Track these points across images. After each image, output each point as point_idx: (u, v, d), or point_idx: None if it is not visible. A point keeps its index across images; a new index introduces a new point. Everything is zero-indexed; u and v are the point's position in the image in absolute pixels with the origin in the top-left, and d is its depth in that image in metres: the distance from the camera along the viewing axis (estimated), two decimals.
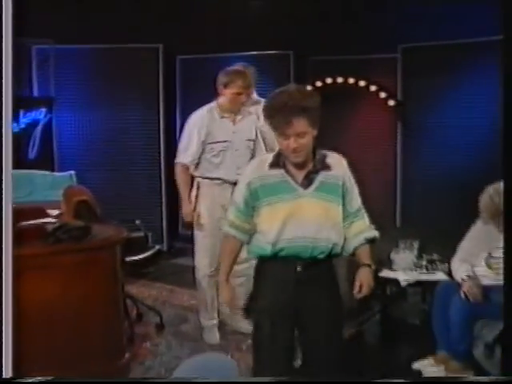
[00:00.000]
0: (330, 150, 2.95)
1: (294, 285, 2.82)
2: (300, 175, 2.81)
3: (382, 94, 6.87)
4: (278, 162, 2.84)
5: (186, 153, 4.49)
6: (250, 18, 6.84)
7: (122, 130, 6.34)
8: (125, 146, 6.22)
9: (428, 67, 6.60)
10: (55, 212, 4.34)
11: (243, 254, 3.15)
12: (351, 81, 6.90)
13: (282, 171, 2.83)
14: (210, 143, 4.47)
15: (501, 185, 4.40)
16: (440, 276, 4.95)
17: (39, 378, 2.75)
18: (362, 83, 6.86)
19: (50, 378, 2.82)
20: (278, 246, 2.83)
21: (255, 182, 2.85)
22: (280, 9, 6.82)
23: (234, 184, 3.90)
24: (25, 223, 3.80)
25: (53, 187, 4.91)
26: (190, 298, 5.51)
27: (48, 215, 4.11)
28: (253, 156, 4.51)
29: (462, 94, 6.51)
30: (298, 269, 2.81)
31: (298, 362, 3.11)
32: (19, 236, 3.60)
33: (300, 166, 2.79)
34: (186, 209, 4.57)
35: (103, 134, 6.37)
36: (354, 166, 3.05)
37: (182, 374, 2.65)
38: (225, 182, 4.48)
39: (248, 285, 3.75)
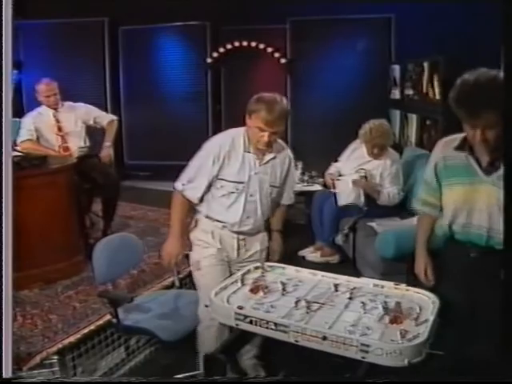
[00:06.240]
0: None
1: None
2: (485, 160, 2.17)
3: (276, 54, 7.14)
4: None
5: None
6: None
7: (75, 89, 6.24)
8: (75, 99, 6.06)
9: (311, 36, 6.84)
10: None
11: None
12: (253, 44, 7.16)
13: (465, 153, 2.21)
14: None
15: (381, 121, 4.60)
16: (317, 187, 5.22)
17: (40, 378, 2.48)
18: (261, 46, 7.17)
19: (50, 379, 2.52)
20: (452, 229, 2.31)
21: (440, 162, 2.31)
22: None
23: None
24: None
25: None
26: (131, 210, 5.64)
27: (16, 150, 4.19)
28: None
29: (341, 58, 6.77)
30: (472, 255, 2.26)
31: None
32: None
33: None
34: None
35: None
36: None
37: (102, 244, 2.80)
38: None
39: None
